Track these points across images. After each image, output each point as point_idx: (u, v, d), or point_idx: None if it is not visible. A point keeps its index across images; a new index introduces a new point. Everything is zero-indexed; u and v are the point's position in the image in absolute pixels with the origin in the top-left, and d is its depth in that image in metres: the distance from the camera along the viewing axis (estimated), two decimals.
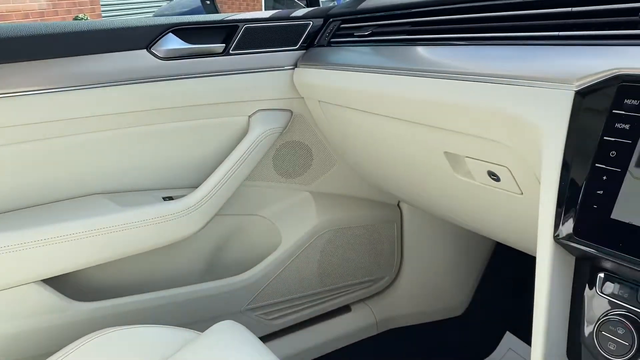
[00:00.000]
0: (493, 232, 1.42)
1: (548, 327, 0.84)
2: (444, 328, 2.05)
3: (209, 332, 1.32)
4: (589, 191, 0.80)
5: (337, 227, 1.84)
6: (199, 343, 1.28)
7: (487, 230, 1.44)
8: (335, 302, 1.95)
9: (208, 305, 1.67)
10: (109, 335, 1.23)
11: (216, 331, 1.33)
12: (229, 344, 1.26)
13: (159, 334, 1.29)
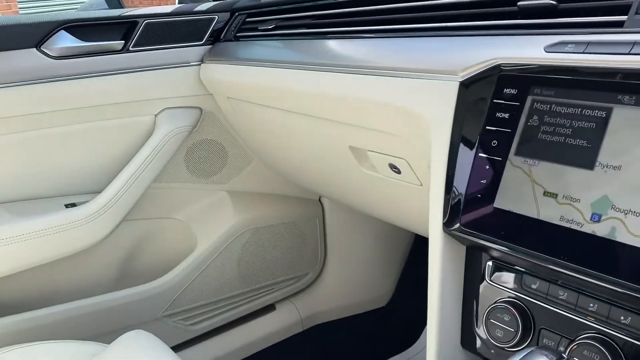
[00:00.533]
0: (405, 223, 1.43)
1: (441, 317, 0.84)
2: (369, 320, 2.06)
3: (115, 344, 1.26)
4: (474, 181, 0.80)
5: (256, 226, 1.80)
6: (103, 356, 1.21)
7: (399, 221, 1.44)
8: (259, 301, 1.91)
9: (121, 315, 1.60)
10: (1, 356, 1.14)
11: (123, 342, 1.26)
12: (135, 355, 1.21)
13: (60, 350, 1.21)
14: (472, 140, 0.82)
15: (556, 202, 0.71)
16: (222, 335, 1.84)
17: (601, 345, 0.67)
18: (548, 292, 0.75)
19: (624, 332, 0.67)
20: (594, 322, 0.70)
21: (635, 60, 0.67)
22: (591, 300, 0.71)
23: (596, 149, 0.68)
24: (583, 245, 0.67)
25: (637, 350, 0.66)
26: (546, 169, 0.73)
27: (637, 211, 0.63)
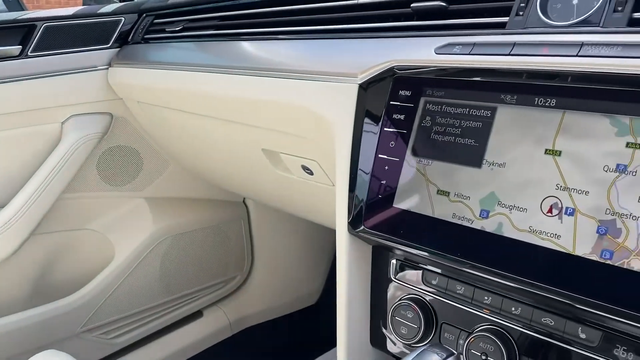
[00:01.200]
0: (324, 221, 1.43)
1: (349, 317, 0.85)
2: (299, 319, 2.06)
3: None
4: (375, 182, 0.81)
5: (177, 232, 1.76)
6: None
7: (319, 219, 1.45)
8: (185, 309, 1.87)
9: (35, 335, 1.52)
10: None
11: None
12: None
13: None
14: (372, 142, 0.83)
15: (448, 200, 0.73)
16: (148, 346, 1.79)
17: (495, 336, 0.70)
18: (447, 287, 0.77)
19: (516, 322, 0.70)
20: (489, 315, 0.73)
21: (515, 61, 0.69)
22: (486, 294, 0.73)
23: (483, 148, 0.71)
24: (474, 240, 0.69)
25: (527, 339, 0.69)
26: (439, 168, 0.75)
27: (521, 206, 0.66)
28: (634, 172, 0.59)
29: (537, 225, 0.65)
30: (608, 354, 0.62)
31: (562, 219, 0.63)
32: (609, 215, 0.60)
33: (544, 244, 0.64)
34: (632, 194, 0.58)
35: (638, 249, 0.57)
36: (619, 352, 0.62)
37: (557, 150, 0.65)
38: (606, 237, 0.60)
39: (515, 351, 0.69)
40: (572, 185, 0.63)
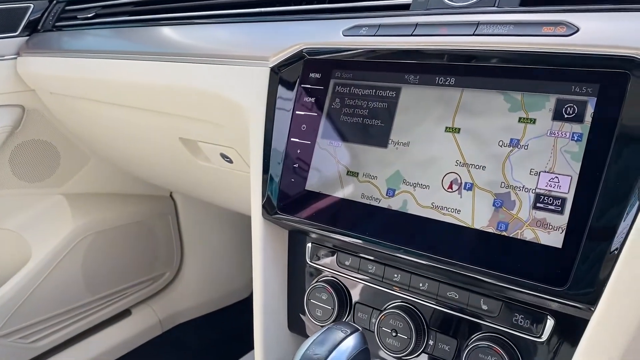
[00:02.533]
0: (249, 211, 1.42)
1: (265, 302, 0.84)
2: (232, 314, 2.04)
3: None
4: (288, 165, 0.81)
5: (100, 229, 1.69)
6: None
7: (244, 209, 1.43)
8: (111, 308, 1.81)
9: None
10: None
11: None
12: None
13: None
14: (284, 126, 0.82)
15: (358, 181, 0.73)
16: (72, 348, 1.71)
17: (404, 312, 0.71)
18: (359, 267, 0.78)
19: (423, 297, 0.72)
20: (399, 292, 0.74)
21: (417, 42, 0.71)
22: (395, 271, 0.74)
23: (388, 128, 0.72)
24: (381, 219, 0.70)
25: (435, 313, 0.71)
26: (348, 149, 0.75)
27: (424, 184, 0.67)
28: (525, 146, 0.61)
29: (439, 201, 0.66)
30: (508, 322, 0.65)
31: (461, 194, 0.65)
32: (503, 189, 0.62)
33: (446, 219, 0.65)
34: (524, 167, 0.61)
35: (530, 220, 0.60)
36: (518, 320, 0.64)
37: (456, 128, 0.66)
38: (501, 210, 0.62)
39: (424, 325, 0.71)
40: (470, 161, 0.65)
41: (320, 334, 0.59)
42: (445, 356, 0.69)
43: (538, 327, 0.63)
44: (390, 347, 0.72)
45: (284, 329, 0.87)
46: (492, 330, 0.66)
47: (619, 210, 0.54)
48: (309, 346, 0.58)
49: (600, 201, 0.55)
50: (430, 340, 0.71)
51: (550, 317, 0.62)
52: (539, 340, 0.63)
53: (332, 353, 0.57)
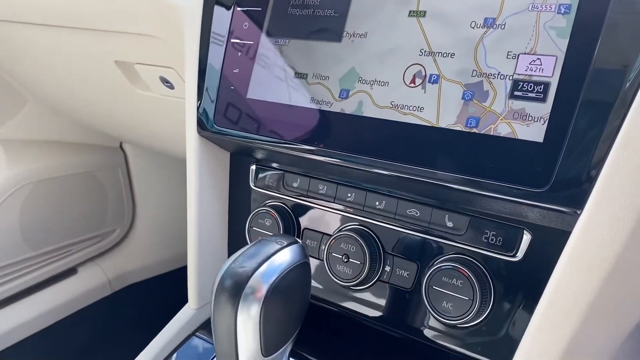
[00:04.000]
0: None
1: (200, 231, 0.73)
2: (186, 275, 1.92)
3: None
4: (227, 71, 0.69)
5: (40, 178, 1.55)
6: None
7: None
8: (55, 266, 1.67)
9: None
10: None
11: None
12: None
13: None
14: (224, 24, 0.70)
15: (307, 83, 0.62)
16: (13, 306, 1.58)
17: (357, 235, 0.61)
18: (308, 188, 0.67)
19: (380, 218, 0.62)
20: (352, 214, 0.64)
21: None
22: (349, 190, 0.64)
23: (343, 18, 0.60)
24: (334, 126, 0.59)
25: (392, 235, 0.61)
26: (296, 47, 0.64)
27: (382, 80, 0.57)
28: (502, 25, 0.51)
29: (399, 99, 0.55)
30: (477, 241, 0.55)
31: (425, 89, 0.54)
32: (475, 78, 0.52)
33: (407, 120, 0.55)
34: (500, 50, 0.50)
35: (506, 112, 0.50)
36: (489, 238, 0.55)
37: (421, 11, 0.55)
38: (472, 103, 0.51)
39: (379, 249, 0.61)
40: (436, 49, 0.54)
41: (252, 246, 0.48)
42: (404, 283, 0.59)
43: (512, 245, 0.53)
44: (341, 275, 0.62)
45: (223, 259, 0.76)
46: (458, 251, 0.56)
47: (612, 93, 0.45)
48: (236, 258, 0.47)
49: (590, 83, 0.46)
50: (387, 267, 0.61)
51: (526, 232, 0.53)
52: (512, 260, 0.53)
53: (262, 267, 0.46)
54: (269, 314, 0.46)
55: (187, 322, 0.71)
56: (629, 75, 0.44)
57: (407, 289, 0.59)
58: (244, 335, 0.46)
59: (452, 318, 0.54)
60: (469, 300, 0.53)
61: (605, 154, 0.44)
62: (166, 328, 0.72)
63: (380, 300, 0.62)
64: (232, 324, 0.46)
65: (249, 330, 0.46)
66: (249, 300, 0.46)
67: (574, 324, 0.46)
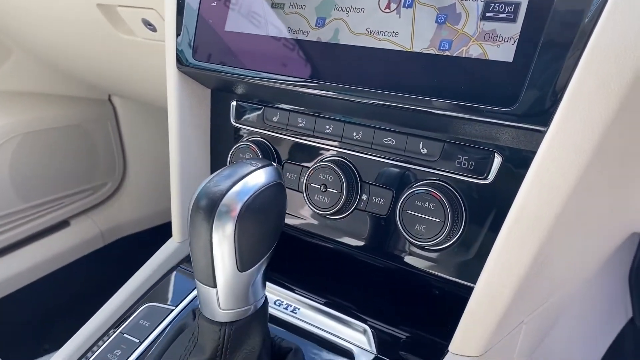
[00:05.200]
0: None
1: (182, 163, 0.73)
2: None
3: None
4: (205, 6, 0.68)
5: (29, 130, 1.54)
6: None
7: None
8: (47, 218, 1.68)
9: None
10: None
11: None
12: None
13: None
14: None
15: (283, 13, 0.62)
16: (5, 257, 1.60)
17: (335, 165, 0.62)
18: (288, 122, 0.68)
19: (357, 148, 0.63)
20: (330, 146, 0.65)
21: None
22: (327, 122, 0.65)
23: None
24: (311, 55, 0.60)
25: (368, 165, 0.62)
26: None
27: (357, 7, 0.57)
28: None
29: (375, 24, 0.56)
30: (450, 166, 0.56)
31: (400, 14, 0.54)
32: (448, 0, 0.52)
33: (382, 45, 0.55)
34: None
35: (477, 33, 0.50)
36: (461, 162, 0.56)
37: None
38: (445, 26, 0.52)
39: (357, 179, 0.62)
40: None
41: (227, 168, 0.49)
42: (380, 210, 0.61)
43: (483, 168, 0.54)
44: (319, 204, 0.63)
45: None
46: (432, 176, 0.58)
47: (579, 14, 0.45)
48: (211, 179, 0.48)
49: (558, 3, 0.46)
50: (364, 195, 0.62)
51: (497, 155, 0.54)
52: (483, 182, 0.55)
53: (236, 186, 0.47)
54: (243, 231, 0.47)
55: (171, 254, 0.73)
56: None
57: (383, 215, 0.61)
58: (220, 251, 0.47)
59: (424, 240, 0.56)
60: (440, 222, 0.55)
61: (571, 73, 0.45)
62: (150, 261, 0.73)
63: (357, 228, 0.63)
64: (207, 242, 0.47)
65: (225, 247, 0.47)
66: (223, 218, 0.47)
67: (537, 241, 0.48)
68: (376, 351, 0.56)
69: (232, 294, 0.49)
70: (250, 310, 0.51)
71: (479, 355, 0.51)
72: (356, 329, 0.58)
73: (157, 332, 0.62)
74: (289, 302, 0.64)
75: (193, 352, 0.52)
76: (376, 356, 0.55)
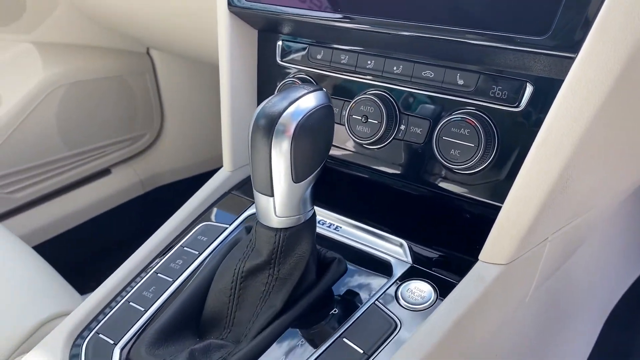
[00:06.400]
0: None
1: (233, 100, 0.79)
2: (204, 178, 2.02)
3: None
4: None
5: (74, 80, 1.62)
6: None
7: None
8: (90, 165, 1.78)
9: None
10: None
11: None
12: None
13: None
14: None
15: None
16: (52, 202, 1.70)
17: (376, 97, 0.67)
18: (331, 59, 0.73)
19: (397, 82, 0.68)
20: (372, 80, 0.70)
21: None
22: (368, 58, 0.69)
23: None
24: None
25: (407, 97, 0.67)
26: None
27: None
28: None
29: None
30: (484, 95, 0.61)
31: None
32: None
33: None
34: None
35: None
36: (495, 92, 0.60)
37: None
38: None
39: (396, 110, 0.67)
40: None
41: (281, 92, 0.55)
42: (417, 139, 0.66)
43: (515, 96, 0.59)
44: (360, 134, 0.68)
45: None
46: (468, 105, 0.62)
47: None
48: (268, 101, 0.54)
49: None
50: (402, 125, 0.67)
51: (529, 84, 0.58)
52: (515, 110, 0.59)
53: (290, 107, 0.53)
54: (298, 147, 0.53)
55: (223, 182, 0.79)
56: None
57: (420, 143, 0.66)
58: (277, 165, 0.53)
59: (459, 163, 0.61)
60: (474, 147, 0.60)
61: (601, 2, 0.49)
62: (203, 187, 0.80)
63: (395, 157, 0.69)
64: (267, 156, 0.53)
65: (281, 161, 0.53)
66: (280, 136, 0.53)
67: (563, 160, 0.53)
68: (412, 261, 0.62)
69: (287, 203, 0.55)
70: (302, 219, 0.57)
71: (505, 263, 0.56)
72: (393, 243, 0.65)
73: (214, 246, 0.70)
74: (331, 221, 0.70)
75: (251, 255, 0.59)
76: (412, 266, 0.61)
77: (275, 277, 0.58)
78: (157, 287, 0.65)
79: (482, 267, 0.57)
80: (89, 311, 0.64)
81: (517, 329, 0.68)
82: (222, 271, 0.61)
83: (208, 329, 0.61)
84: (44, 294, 0.86)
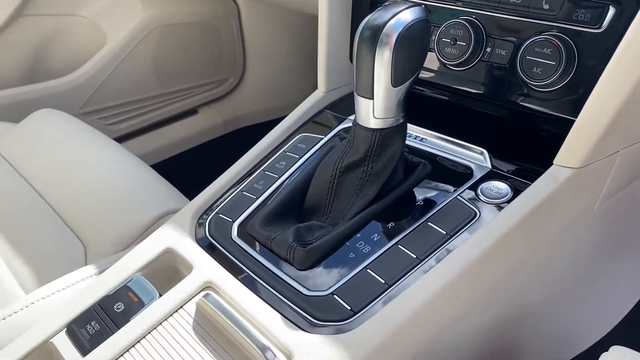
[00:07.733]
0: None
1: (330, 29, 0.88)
2: None
3: (26, 120, 1.27)
4: None
5: (167, 23, 1.76)
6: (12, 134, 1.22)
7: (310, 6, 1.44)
8: (179, 104, 1.93)
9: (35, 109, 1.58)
10: None
11: (36, 118, 1.27)
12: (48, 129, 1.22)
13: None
14: None
15: None
16: (145, 136, 1.87)
17: (465, 21, 0.74)
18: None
19: (485, 7, 0.74)
20: (461, 7, 0.76)
21: None
22: None
23: None
24: None
25: (494, 22, 0.73)
26: None
27: None
28: None
29: None
30: (568, 18, 0.67)
31: None
32: None
33: None
34: None
35: None
36: (579, 15, 0.66)
37: None
38: None
39: (482, 33, 0.74)
40: None
41: (383, 7, 0.63)
42: (501, 60, 0.72)
43: (597, 18, 0.64)
44: (448, 56, 0.76)
45: (346, 61, 0.92)
46: (551, 28, 0.68)
47: None
48: (372, 14, 0.62)
49: None
50: (488, 48, 0.74)
51: (611, 7, 0.63)
52: (596, 32, 0.65)
53: (392, 20, 0.61)
54: (398, 55, 0.61)
55: (317, 101, 0.89)
56: None
57: (504, 64, 0.72)
58: (379, 71, 0.62)
59: (540, 80, 0.67)
60: (555, 65, 0.66)
61: None
62: (300, 106, 0.90)
63: (479, 77, 0.75)
64: (370, 62, 0.62)
65: (383, 66, 0.61)
66: (383, 45, 0.61)
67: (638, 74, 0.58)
68: (491, 166, 0.70)
69: (385, 105, 0.64)
70: (395, 122, 0.66)
71: (578, 167, 0.63)
72: (474, 151, 0.72)
73: (312, 152, 0.80)
74: (417, 134, 0.79)
75: (349, 153, 0.68)
76: (491, 170, 0.69)
77: (369, 172, 0.68)
78: (265, 181, 0.77)
79: (556, 169, 0.64)
80: (208, 198, 0.77)
81: (583, 236, 0.75)
82: (322, 167, 0.71)
83: (309, 215, 0.71)
84: (161, 194, 1.01)
